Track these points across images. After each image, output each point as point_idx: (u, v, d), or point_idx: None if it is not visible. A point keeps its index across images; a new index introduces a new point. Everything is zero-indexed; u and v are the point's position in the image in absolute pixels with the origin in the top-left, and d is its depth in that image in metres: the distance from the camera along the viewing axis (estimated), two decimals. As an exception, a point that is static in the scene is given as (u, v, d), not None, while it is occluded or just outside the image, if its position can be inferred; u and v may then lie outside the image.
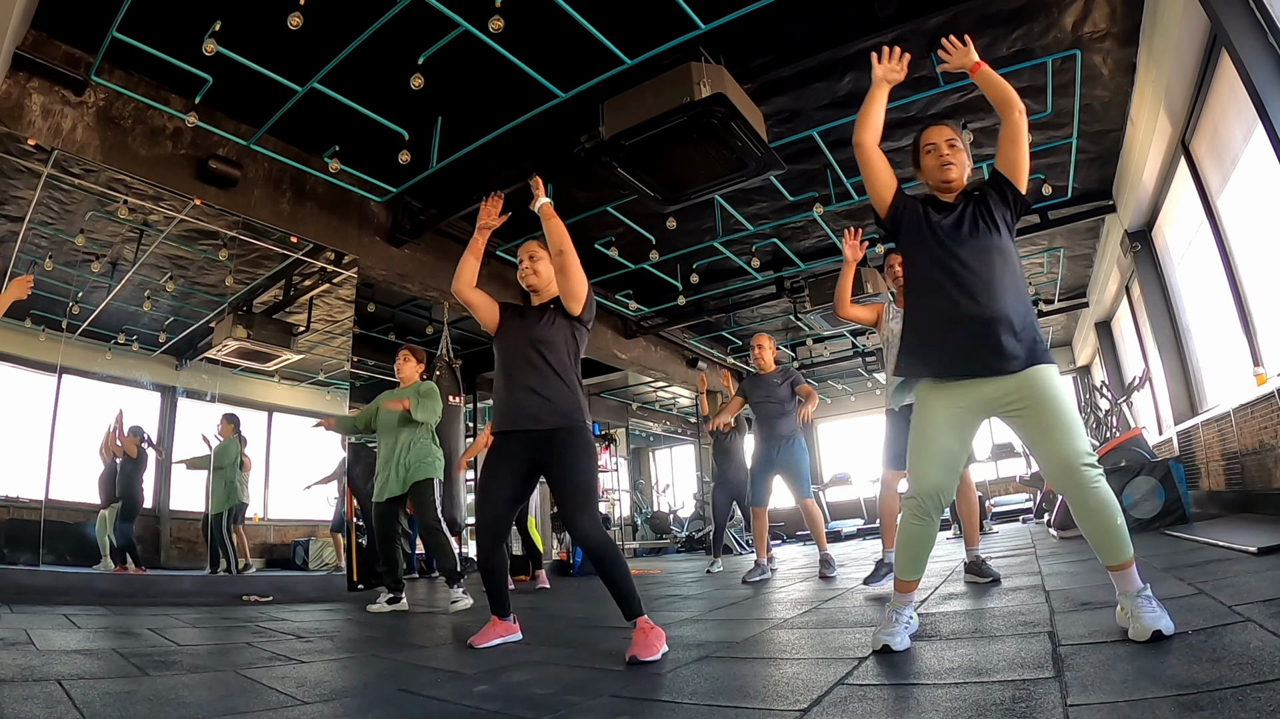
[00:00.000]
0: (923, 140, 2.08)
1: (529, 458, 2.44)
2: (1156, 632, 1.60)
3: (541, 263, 2.70)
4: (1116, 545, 1.73)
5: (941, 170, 2.01)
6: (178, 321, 5.11)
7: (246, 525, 5.19)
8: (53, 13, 3.77)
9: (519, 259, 2.74)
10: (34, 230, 4.24)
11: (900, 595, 1.98)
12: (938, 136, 2.05)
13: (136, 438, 4.63)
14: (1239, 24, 3.02)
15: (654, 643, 2.09)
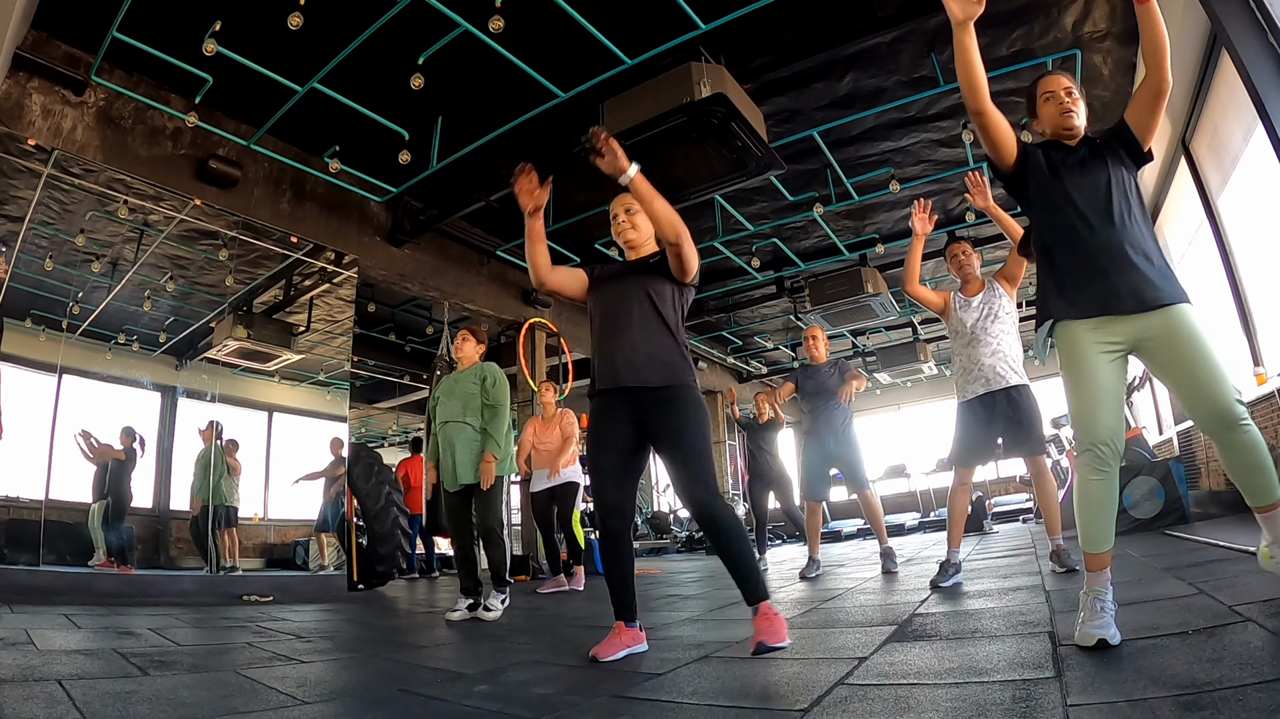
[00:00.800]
0: (1040, 89, 1.99)
1: (635, 420, 2.19)
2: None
3: (639, 216, 2.43)
4: (1267, 485, 1.67)
5: (1063, 117, 1.93)
6: (178, 321, 5.11)
7: (246, 525, 5.20)
8: (53, 13, 3.77)
9: (614, 213, 2.47)
10: (34, 230, 4.24)
11: (1096, 575, 1.73)
12: (1055, 85, 1.97)
13: (129, 438, 4.62)
14: (1239, 24, 3.01)
15: (780, 629, 1.99)
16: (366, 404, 11.16)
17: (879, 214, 6.99)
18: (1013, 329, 3.54)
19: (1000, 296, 3.57)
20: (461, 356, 3.91)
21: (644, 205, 2.19)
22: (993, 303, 3.55)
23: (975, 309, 3.55)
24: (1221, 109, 4.25)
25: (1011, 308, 3.57)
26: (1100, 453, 1.73)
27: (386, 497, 5.97)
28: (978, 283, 3.65)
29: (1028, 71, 4.72)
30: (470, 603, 3.57)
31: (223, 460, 5.05)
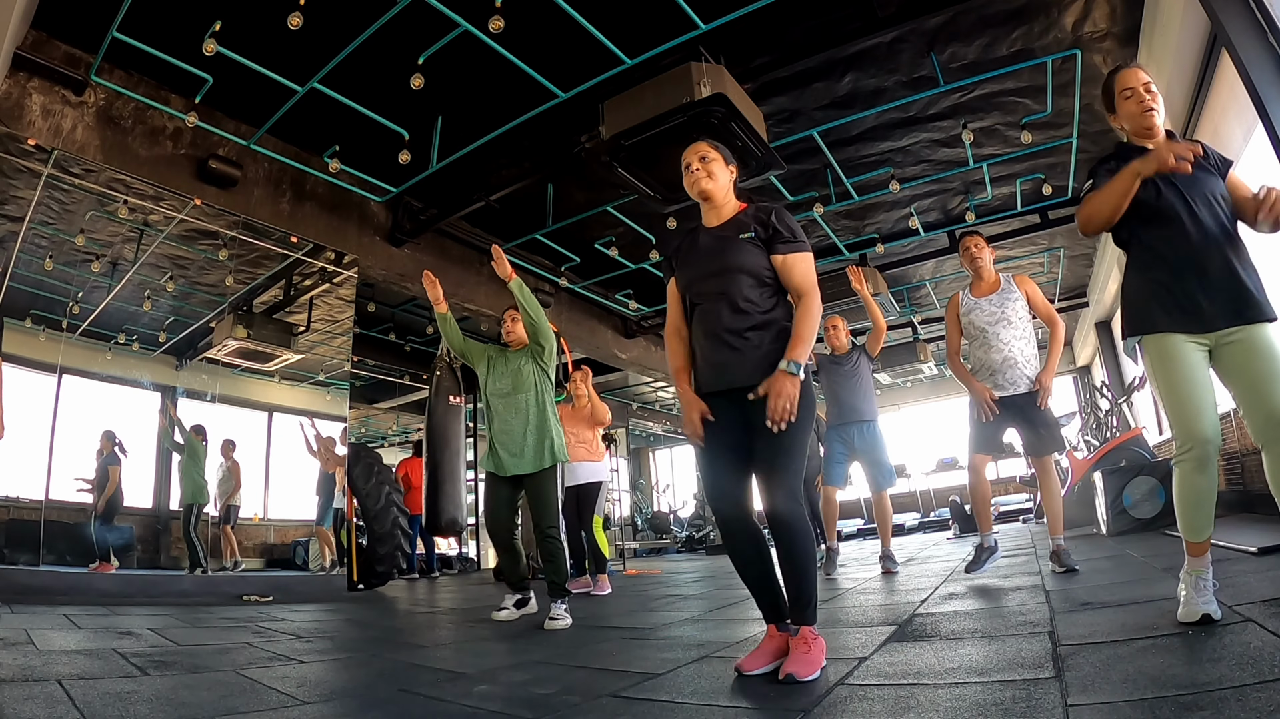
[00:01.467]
0: (1119, 85, 1.94)
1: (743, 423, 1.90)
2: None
3: (716, 164, 2.08)
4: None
5: (1144, 115, 1.89)
6: (178, 321, 5.11)
7: (246, 525, 5.20)
8: (53, 13, 3.77)
9: (685, 163, 2.10)
10: (34, 230, 4.24)
11: (1197, 559, 1.80)
12: (1135, 80, 1.91)
13: (110, 441, 4.61)
14: (1239, 24, 3.01)
15: (816, 657, 1.75)
16: (366, 404, 11.15)
17: (879, 214, 6.99)
18: (1027, 332, 3.45)
19: (1016, 299, 3.47)
20: (514, 339, 3.66)
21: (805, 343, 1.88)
22: (1005, 306, 3.46)
23: (987, 312, 3.48)
24: (1221, 109, 4.25)
25: (1025, 312, 3.48)
26: (1206, 451, 1.74)
27: (386, 497, 5.98)
28: (991, 280, 3.56)
29: (1028, 72, 4.72)
30: (519, 598, 3.36)
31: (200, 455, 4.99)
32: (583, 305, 8.46)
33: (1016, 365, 3.37)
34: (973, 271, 3.61)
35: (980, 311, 3.49)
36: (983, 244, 3.59)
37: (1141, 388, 7.24)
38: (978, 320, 3.49)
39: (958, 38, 4.42)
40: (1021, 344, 3.40)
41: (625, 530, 12.23)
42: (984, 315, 3.47)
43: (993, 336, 3.41)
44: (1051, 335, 3.49)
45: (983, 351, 3.46)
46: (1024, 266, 8.63)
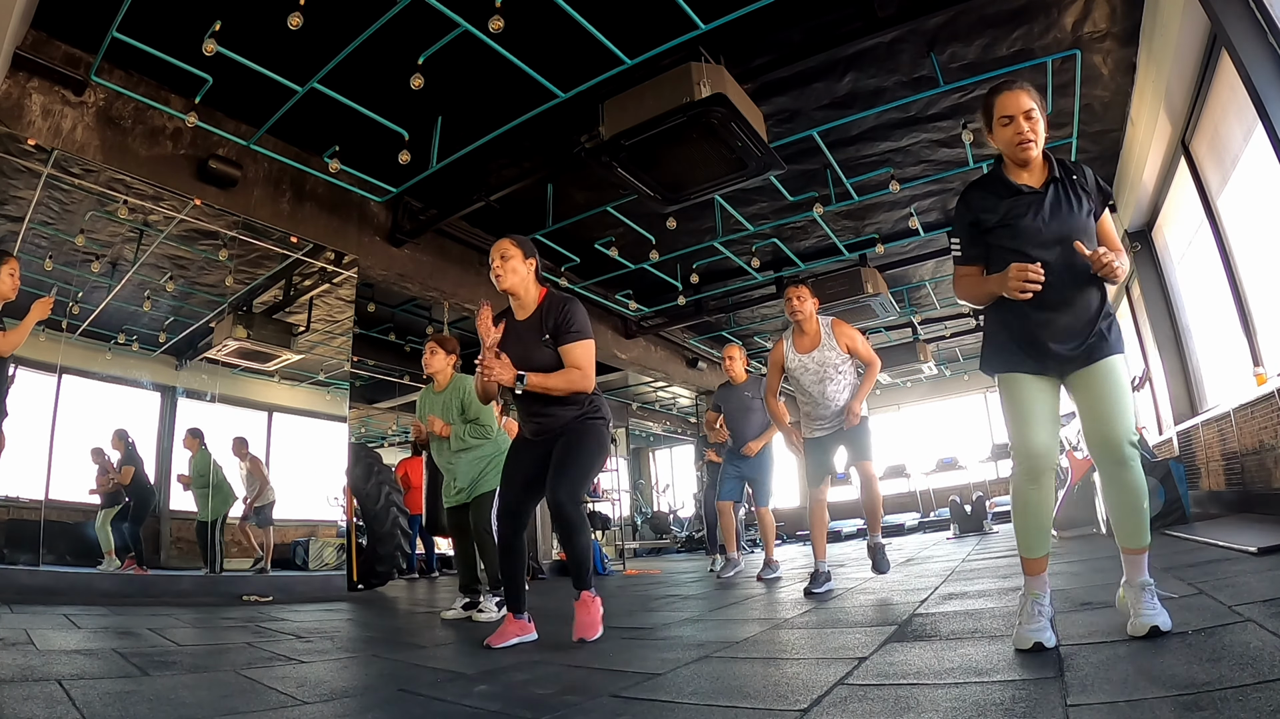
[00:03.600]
0: (998, 110, 1.85)
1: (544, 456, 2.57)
2: (1154, 628, 1.63)
3: (514, 260, 2.56)
4: (1138, 528, 1.76)
5: (1020, 149, 1.82)
6: (178, 321, 5.11)
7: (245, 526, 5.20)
8: (53, 13, 3.77)
9: (490, 260, 2.58)
10: (34, 230, 4.24)
11: (1034, 580, 1.82)
12: (1014, 107, 1.82)
13: (122, 440, 4.62)
14: (1239, 24, 3.01)
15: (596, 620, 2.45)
16: (366, 404, 11.15)
17: (879, 214, 6.99)
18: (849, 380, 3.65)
19: (836, 354, 3.62)
20: (433, 371, 3.77)
21: (547, 394, 2.43)
22: (827, 366, 3.62)
23: (811, 370, 3.64)
24: (1221, 109, 4.25)
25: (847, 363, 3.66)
26: (1037, 465, 1.82)
27: (386, 497, 5.98)
28: (813, 333, 3.68)
29: (1028, 72, 4.72)
30: (466, 601, 3.60)
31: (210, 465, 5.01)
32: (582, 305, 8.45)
33: (837, 412, 3.60)
34: (794, 323, 3.69)
35: (805, 370, 3.63)
36: (805, 294, 3.66)
37: (1141, 388, 7.24)
38: (803, 379, 3.64)
39: (958, 38, 4.42)
40: (845, 394, 3.61)
41: (625, 530, 12.23)
42: (808, 375, 3.61)
43: (818, 394, 3.61)
44: (868, 372, 3.70)
45: (810, 405, 3.66)
46: (1024, 267, 8.61)
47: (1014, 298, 1.74)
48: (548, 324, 2.47)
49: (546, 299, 2.53)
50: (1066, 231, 1.78)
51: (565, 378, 2.40)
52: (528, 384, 2.36)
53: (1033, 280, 1.70)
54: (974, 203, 1.90)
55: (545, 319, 2.48)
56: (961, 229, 1.93)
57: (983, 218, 1.87)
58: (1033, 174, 1.86)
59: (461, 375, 3.78)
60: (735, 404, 4.89)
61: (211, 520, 4.92)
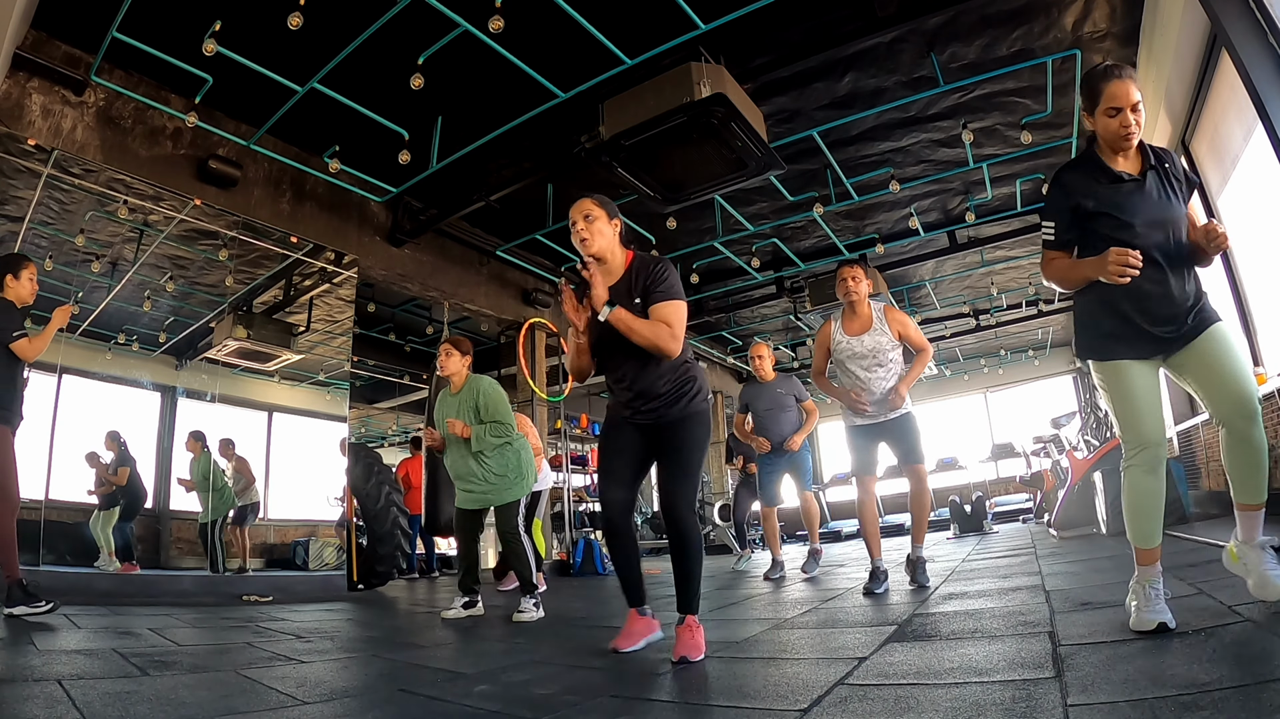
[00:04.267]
0: (1105, 99, 1.83)
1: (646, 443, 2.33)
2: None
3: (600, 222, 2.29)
4: (1262, 485, 1.76)
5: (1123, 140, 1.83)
6: (178, 322, 5.11)
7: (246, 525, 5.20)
8: (53, 13, 3.77)
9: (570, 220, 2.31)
10: (34, 230, 4.24)
11: (1148, 569, 1.83)
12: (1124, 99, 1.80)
13: (115, 441, 4.62)
14: (1239, 24, 3.01)
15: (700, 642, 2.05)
16: (366, 404, 11.16)
17: (879, 214, 6.99)
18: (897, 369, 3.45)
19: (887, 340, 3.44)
20: (449, 373, 3.68)
21: (628, 335, 2.13)
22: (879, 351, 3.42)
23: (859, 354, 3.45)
24: (1221, 109, 4.25)
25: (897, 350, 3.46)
26: (1156, 454, 1.81)
27: (386, 497, 5.97)
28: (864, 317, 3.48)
29: (1028, 72, 4.72)
30: (465, 600, 3.55)
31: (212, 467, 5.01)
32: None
33: (886, 399, 3.40)
34: (846, 304, 3.52)
35: (852, 352, 3.44)
36: (860, 274, 3.49)
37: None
38: (849, 362, 3.45)
39: (958, 38, 4.42)
40: (892, 383, 3.41)
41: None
42: (856, 358, 3.43)
43: (865, 380, 3.41)
44: (917, 358, 3.50)
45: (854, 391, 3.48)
46: (1024, 267, 8.63)
47: (1112, 282, 1.73)
48: (637, 287, 2.20)
49: (635, 261, 2.27)
50: (1164, 218, 1.80)
51: (652, 328, 2.11)
52: (614, 313, 2.08)
53: (1132, 265, 1.70)
54: (1072, 187, 1.89)
55: (635, 282, 2.21)
56: (1057, 212, 1.91)
57: (1082, 202, 1.87)
58: (1129, 160, 1.87)
59: (477, 376, 3.70)
60: (767, 402, 4.72)
61: (211, 521, 4.93)
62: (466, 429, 3.49)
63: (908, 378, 3.42)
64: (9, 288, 3.22)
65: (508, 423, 3.55)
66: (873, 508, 3.51)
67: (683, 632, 2.05)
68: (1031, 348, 12.43)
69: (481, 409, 3.54)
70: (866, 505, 3.49)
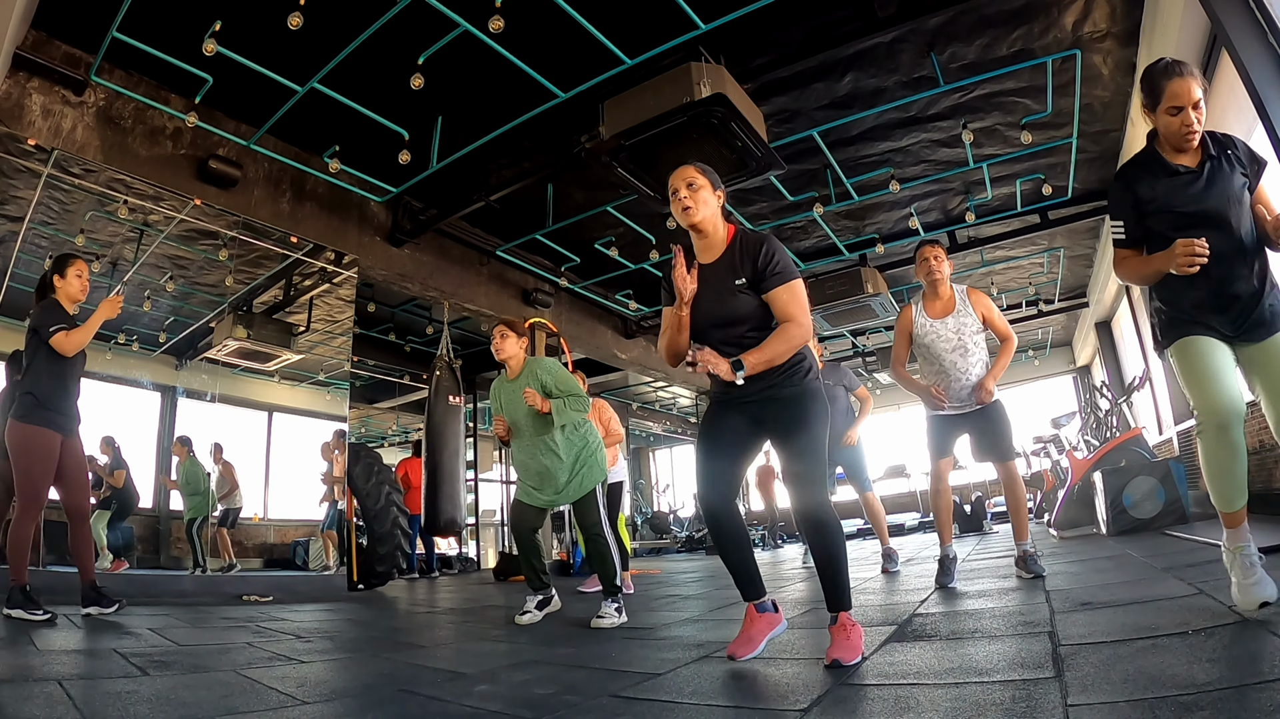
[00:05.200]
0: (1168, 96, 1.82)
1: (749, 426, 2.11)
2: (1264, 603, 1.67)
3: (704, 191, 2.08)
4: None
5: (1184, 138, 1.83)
6: (178, 321, 5.11)
7: (245, 525, 5.19)
8: (53, 13, 3.77)
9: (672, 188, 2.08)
10: (34, 230, 4.24)
11: (1235, 532, 1.84)
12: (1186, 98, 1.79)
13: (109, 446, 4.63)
14: (1239, 24, 3.01)
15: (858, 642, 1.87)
16: (366, 404, 11.16)
17: (879, 214, 6.99)
18: (983, 355, 3.30)
19: (973, 322, 3.28)
20: (505, 357, 3.34)
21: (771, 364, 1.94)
22: (963, 332, 3.27)
23: (944, 338, 3.28)
24: (1221, 109, 4.25)
25: (981, 335, 3.31)
26: (1225, 419, 1.81)
27: (386, 497, 5.97)
28: (947, 298, 3.33)
29: (1028, 72, 4.72)
30: (540, 599, 3.32)
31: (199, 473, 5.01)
32: (583, 305, 8.46)
33: (970, 389, 3.24)
34: (928, 285, 3.35)
35: (937, 336, 3.27)
36: (943, 255, 3.31)
37: (1141, 388, 7.24)
38: (934, 346, 3.27)
39: (958, 38, 4.42)
40: (979, 369, 3.24)
41: (625, 530, 12.22)
42: (941, 341, 3.26)
43: (950, 365, 3.25)
44: (1003, 348, 3.35)
45: (939, 378, 3.29)
46: (1024, 267, 8.63)
47: (1181, 273, 1.74)
48: (744, 267, 2.01)
49: (738, 237, 2.07)
50: (1224, 207, 1.80)
51: (785, 339, 1.92)
52: (749, 370, 1.88)
53: (1199, 254, 1.70)
54: (1134, 183, 1.91)
55: (740, 261, 2.02)
56: (1124, 211, 1.93)
57: (1144, 198, 1.89)
58: (1189, 154, 1.88)
59: (535, 358, 3.38)
60: None
61: (189, 519, 4.90)
62: (546, 403, 3.16)
63: (995, 369, 3.24)
64: (58, 289, 3.32)
65: (584, 396, 3.27)
66: (948, 495, 3.34)
67: (836, 632, 1.88)
68: (1031, 348, 12.43)
69: (551, 388, 3.24)
70: (941, 494, 3.33)
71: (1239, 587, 1.74)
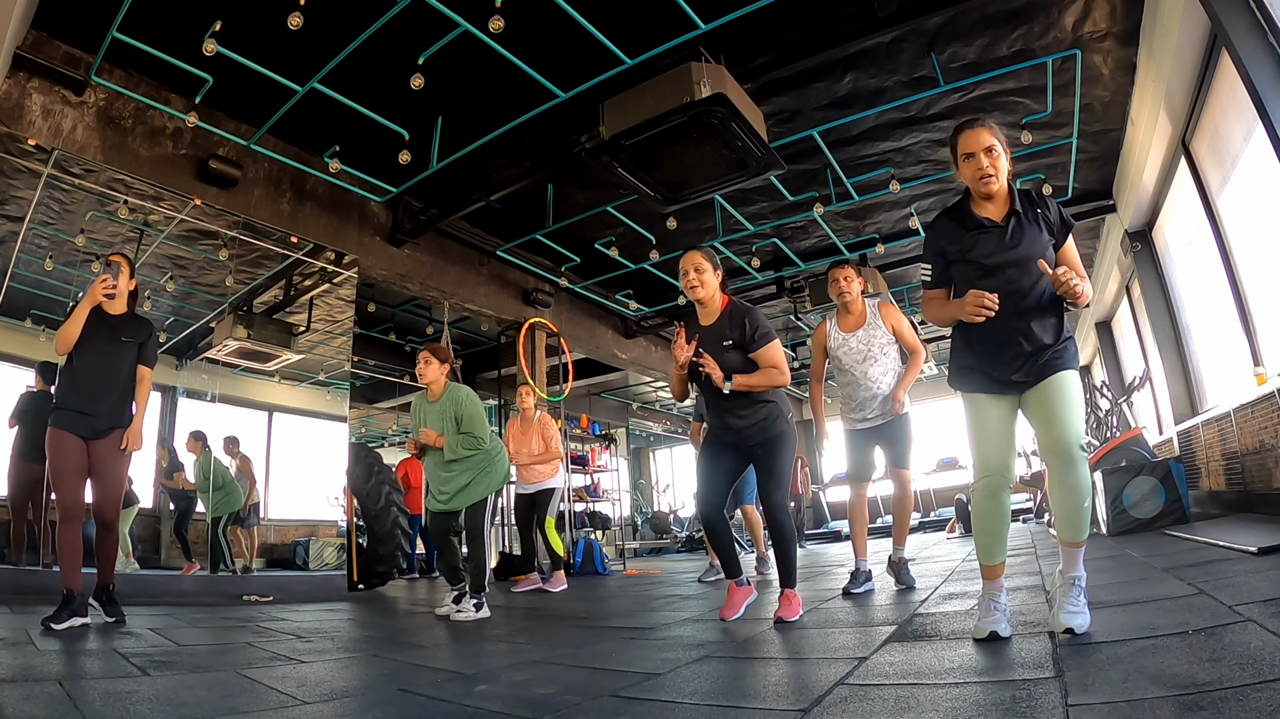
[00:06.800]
0: (960, 148, 1.97)
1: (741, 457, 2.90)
2: (1069, 629, 1.78)
3: (707, 274, 2.77)
4: (1082, 524, 1.92)
5: (981, 183, 1.95)
6: (178, 321, 5.11)
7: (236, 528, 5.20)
8: (53, 13, 3.77)
9: (682, 270, 2.79)
10: (34, 230, 4.24)
11: (991, 584, 2.03)
12: (975, 145, 1.93)
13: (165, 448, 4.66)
14: (1239, 24, 3.01)
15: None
16: (366, 404, 11.16)
17: (879, 214, 6.99)
18: (893, 365, 3.50)
19: (881, 334, 3.48)
20: (427, 382, 3.74)
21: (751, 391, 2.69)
22: (871, 343, 3.47)
23: (854, 349, 3.49)
24: (1221, 109, 4.25)
25: (892, 346, 3.51)
26: (995, 481, 1.96)
27: (386, 497, 5.97)
28: (858, 313, 3.54)
29: (1028, 72, 4.72)
30: (456, 594, 3.64)
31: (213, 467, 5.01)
32: (583, 305, 8.46)
33: (880, 399, 3.45)
34: (840, 304, 3.58)
35: (848, 348, 3.50)
36: (852, 275, 3.54)
37: (1141, 388, 7.24)
38: (845, 358, 3.51)
39: (958, 38, 4.42)
40: (888, 379, 3.46)
41: (625, 530, 12.23)
42: (851, 353, 3.48)
43: (860, 375, 3.47)
44: (911, 359, 3.55)
45: (850, 388, 3.51)
46: (1024, 266, 8.61)
47: (970, 321, 1.88)
48: (733, 332, 2.70)
49: (730, 307, 2.77)
50: (1021, 263, 1.91)
51: (766, 376, 2.66)
52: (735, 385, 2.62)
53: (987, 307, 1.83)
54: (941, 233, 2.04)
55: (730, 326, 2.71)
56: (930, 256, 2.07)
57: (947, 249, 2.02)
58: (996, 205, 1.99)
59: (457, 385, 3.76)
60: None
61: (214, 519, 4.92)
62: (440, 439, 3.61)
63: (903, 381, 3.48)
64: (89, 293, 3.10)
65: (481, 436, 3.64)
66: (864, 509, 3.56)
67: (783, 600, 2.66)
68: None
69: (460, 420, 3.62)
70: (857, 508, 3.55)
71: (979, 622, 1.94)
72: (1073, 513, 1.90)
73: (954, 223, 2.02)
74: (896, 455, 3.49)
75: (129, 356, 3.19)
